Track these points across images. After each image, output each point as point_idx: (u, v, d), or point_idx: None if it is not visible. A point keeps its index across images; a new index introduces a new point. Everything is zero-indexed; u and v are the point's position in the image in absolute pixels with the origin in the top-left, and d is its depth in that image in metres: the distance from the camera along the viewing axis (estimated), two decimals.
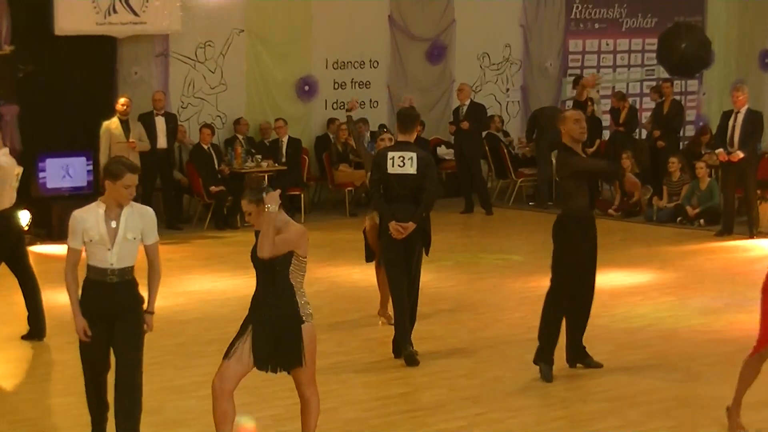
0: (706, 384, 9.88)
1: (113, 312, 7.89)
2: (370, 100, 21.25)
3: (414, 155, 10.39)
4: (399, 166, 10.38)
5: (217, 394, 7.57)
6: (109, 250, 7.84)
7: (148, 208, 8.10)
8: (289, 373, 7.66)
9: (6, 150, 11.50)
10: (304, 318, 7.54)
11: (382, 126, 20.09)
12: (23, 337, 11.48)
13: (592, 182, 10.04)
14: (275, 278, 7.50)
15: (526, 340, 11.32)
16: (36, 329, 11.46)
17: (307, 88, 20.65)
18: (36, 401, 9.84)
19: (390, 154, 10.46)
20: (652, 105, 20.98)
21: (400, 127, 10.67)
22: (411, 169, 10.38)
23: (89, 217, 7.93)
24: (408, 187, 10.42)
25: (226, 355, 7.62)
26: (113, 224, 7.84)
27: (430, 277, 14.32)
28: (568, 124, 10.09)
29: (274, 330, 7.52)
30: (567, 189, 10.10)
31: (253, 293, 7.68)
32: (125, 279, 7.92)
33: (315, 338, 7.62)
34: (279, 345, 7.53)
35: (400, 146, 10.57)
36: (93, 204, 8.00)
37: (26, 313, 11.53)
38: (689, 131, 23.03)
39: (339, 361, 10.78)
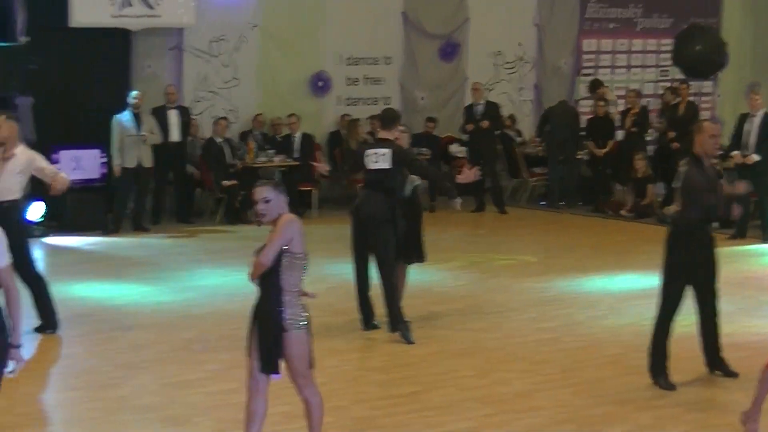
0: (718, 388, 9.86)
1: None
2: (383, 97, 21.22)
3: (388, 151, 11.16)
4: (374, 162, 11.20)
5: (250, 393, 7.54)
6: None
7: None
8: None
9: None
10: (286, 326, 7.32)
11: None
12: (36, 329, 11.47)
13: (712, 195, 9.68)
14: (263, 278, 7.36)
15: (535, 341, 11.34)
16: (48, 321, 11.45)
17: (320, 83, 20.65)
18: (44, 394, 9.86)
19: (368, 152, 11.32)
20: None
21: (381, 124, 11.62)
22: (385, 164, 11.14)
23: None
24: (384, 180, 11.17)
25: (249, 354, 7.57)
26: None
27: (439, 277, 14.34)
28: (703, 136, 9.75)
29: (257, 332, 7.44)
30: (681, 199, 9.84)
31: None
32: None
33: (303, 345, 7.40)
34: (259, 347, 7.44)
35: (378, 144, 11.47)
36: None
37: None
38: None
39: (348, 358, 10.79)
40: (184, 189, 18.84)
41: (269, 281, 7.36)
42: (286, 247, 7.38)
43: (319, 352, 7.67)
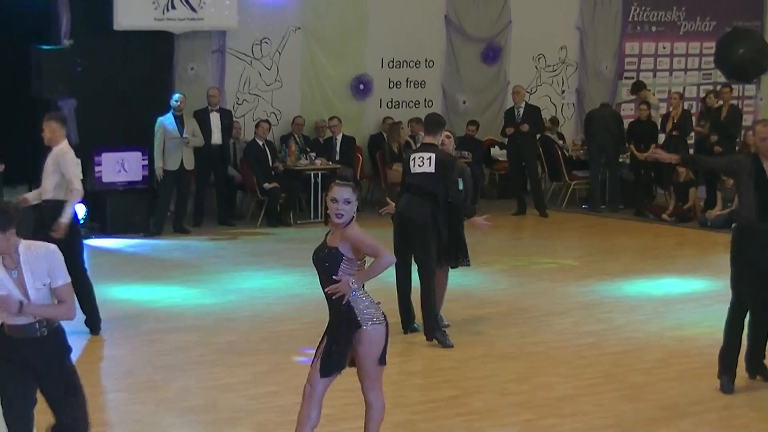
0: (759, 393, 9.79)
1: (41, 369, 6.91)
2: (425, 100, 21.24)
3: (433, 155, 11.16)
4: (419, 165, 11.19)
5: (305, 399, 7.55)
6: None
7: (48, 245, 6.92)
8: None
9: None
10: (361, 322, 7.39)
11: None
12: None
13: (764, 192, 9.48)
14: (328, 283, 7.39)
15: (576, 346, 11.30)
16: (90, 323, 11.50)
17: (361, 86, 20.67)
18: (87, 396, 9.90)
19: (413, 156, 11.36)
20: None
21: (426, 129, 11.57)
22: (430, 168, 11.13)
23: None
24: (427, 185, 11.16)
25: (312, 360, 7.60)
26: (14, 274, 6.74)
27: (480, 280, 14.33)
28: (756, 138, 9.79)
29: (329, 336, 7.49)
30: (738, 196, 9.94)
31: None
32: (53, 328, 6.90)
33: (379, 342, 7.44)
34: (326, 349, 7.47)
35: (423, 148, 11.46)
36: None
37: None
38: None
39: (388, 362, 10.76)
40: (225, 191, 18.89)
41: (330, 284, 7.36)
42: (349, 256, 7.35)
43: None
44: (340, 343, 7.43)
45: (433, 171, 11.13)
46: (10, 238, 6.68)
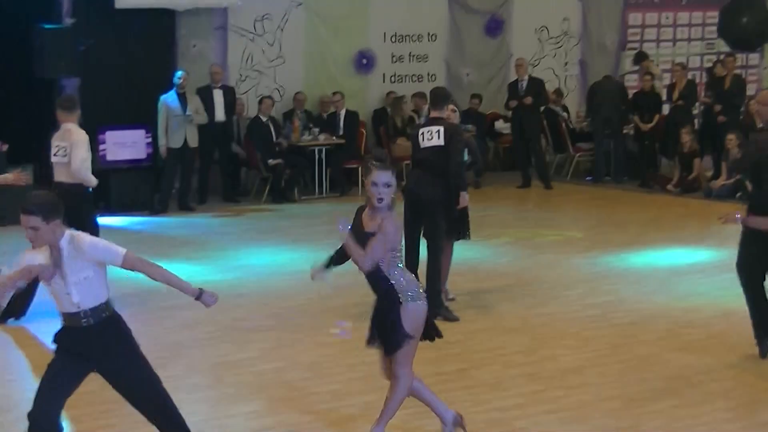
0: (766, 365, 9.79)
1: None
2: (428, 74, 21.20)
3: (441, 128, 11.12)
4: (428, 139, 11.14)
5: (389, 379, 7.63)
6: (67, 294, 6.77)
7: (83, 236, 6.82)
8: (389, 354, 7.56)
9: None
10: (401, 299, 7.33)
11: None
12: None
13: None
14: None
15: (583, 318, 11.31)
16: None
17: (365, 61, 20.64)
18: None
19: (421, 130, 11.30)
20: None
21: (432, 103, 11.59)
22: (439, 141, 11.08)
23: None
24: (437, 159, 11.09)
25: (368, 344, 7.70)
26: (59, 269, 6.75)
27: (487, 253, 14.33)
28: (759, 105, 9.97)
29: (377, 317, 7.49)
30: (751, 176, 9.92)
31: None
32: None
33: (416, 318, 7.39)
34: (380, 330, 7.47)
35: (430, 122, 11.38)
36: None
37: None
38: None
39: None
40: (229, 168, 18.91)
41: (373, 270, 7.35)
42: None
43: (364, 331, 7.67)
44: (385, 320, 7.40)
45: (443, 144, 11.06)
46: (55, 230, 6.68)
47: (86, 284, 6.77)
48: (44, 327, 10.85)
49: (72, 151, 11.34)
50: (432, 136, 11.12)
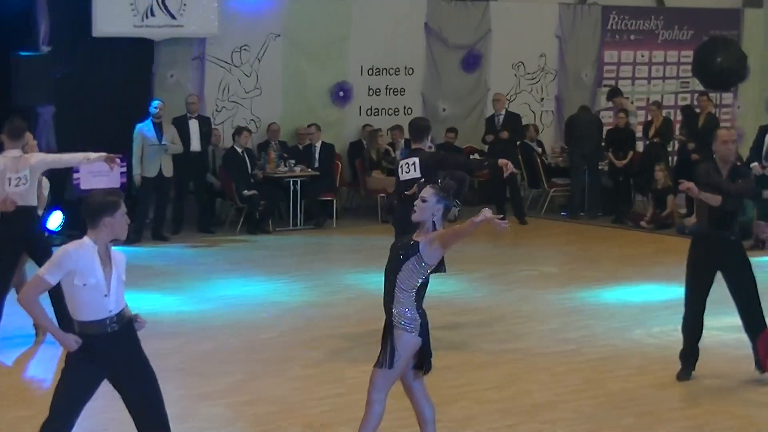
0: (738, 401, 9.80)
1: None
2: (405, 107, 21.25)
3: (416, 159, 11.18)
4: (406, 172, 11.22)
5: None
6: (105, 296, 6.96)
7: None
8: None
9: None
10: (395, 323, 7.44)
11: None
12: None
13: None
14: (388, 274, 7.48)
15: (556, 353, 11.31)
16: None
17: (341, 93, 20.67)
18: None
19: (401, 163, 11.41)
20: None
21: (411, 135, 11.71)
22: (416, 173, 11.13)
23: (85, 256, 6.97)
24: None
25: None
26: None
27: (460, 287, 14.32)
28: (717, 143, 10.13)
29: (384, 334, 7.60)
30: (695, 204, 10.34)
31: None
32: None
33: (404, 347, 7.48)
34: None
35: (410, 154, 11.51)
36: (85, 240, 7.07)
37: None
38: None
39: (368, 369, 10.69)
40: (204, 198, 18.86)
41: (391, 277, 7.46)
42: (425, 254, 7.42)
43: (338, 362, 7.66)
44: (385, 342, 7.51)
45: (419, 175, 11.09)
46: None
47: (120, 286, 7.01)
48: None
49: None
50: (410, 169, 11.22)
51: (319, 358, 10.93)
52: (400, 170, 11.35)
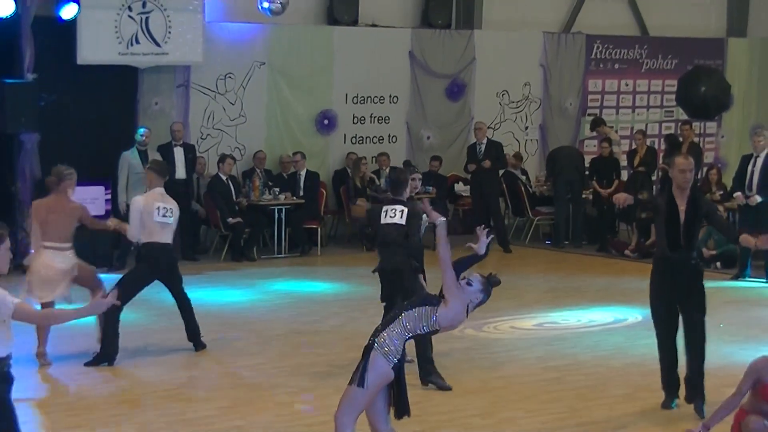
0: (723, 429, 9.79)
1: None
2: (389, 135, 21.28)
3: (405, 209, 11.41)
4: (391, 216, 11.42)
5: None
6: None
7: None
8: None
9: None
10: (376, 345, 7.60)
11: (407, 162, 20.15)
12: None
13: (671, 225, 10.15)
14: (393, 307, 7.79)
15: (540, 381, 11.30)
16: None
17: (326, 121, 20.69)
18: None
19: (385, 208, 11.61)
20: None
21: (392, 191, 11.92)
22: (401, 220, 11.32)
23: None
24: (397, 235, 11.35)
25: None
26: None
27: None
28: (674, 170, 10.32)
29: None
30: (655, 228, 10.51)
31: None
32: None
33: (375, 370, 7.58)
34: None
35: (393, 202, 11.65)
36: None
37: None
38: None
39: None
40: (189, 226, 18.81)
41: (397, 311, 7.70)
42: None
43: (324, 390, 7.67)
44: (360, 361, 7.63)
45: (404, 223, 11.31)
46: None
47: None
48: None
49: None
50: (395, 215, 11.38)
51: (304, 386, 10.91)
52: (383, 214, 11.49)
